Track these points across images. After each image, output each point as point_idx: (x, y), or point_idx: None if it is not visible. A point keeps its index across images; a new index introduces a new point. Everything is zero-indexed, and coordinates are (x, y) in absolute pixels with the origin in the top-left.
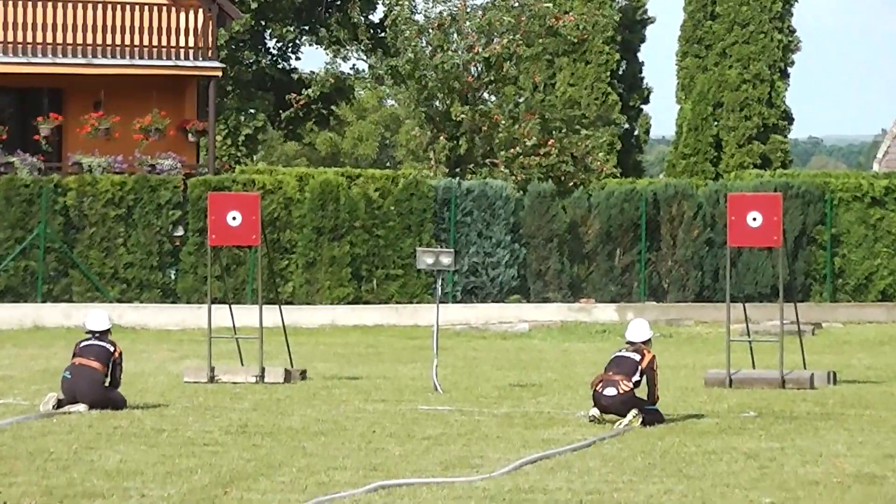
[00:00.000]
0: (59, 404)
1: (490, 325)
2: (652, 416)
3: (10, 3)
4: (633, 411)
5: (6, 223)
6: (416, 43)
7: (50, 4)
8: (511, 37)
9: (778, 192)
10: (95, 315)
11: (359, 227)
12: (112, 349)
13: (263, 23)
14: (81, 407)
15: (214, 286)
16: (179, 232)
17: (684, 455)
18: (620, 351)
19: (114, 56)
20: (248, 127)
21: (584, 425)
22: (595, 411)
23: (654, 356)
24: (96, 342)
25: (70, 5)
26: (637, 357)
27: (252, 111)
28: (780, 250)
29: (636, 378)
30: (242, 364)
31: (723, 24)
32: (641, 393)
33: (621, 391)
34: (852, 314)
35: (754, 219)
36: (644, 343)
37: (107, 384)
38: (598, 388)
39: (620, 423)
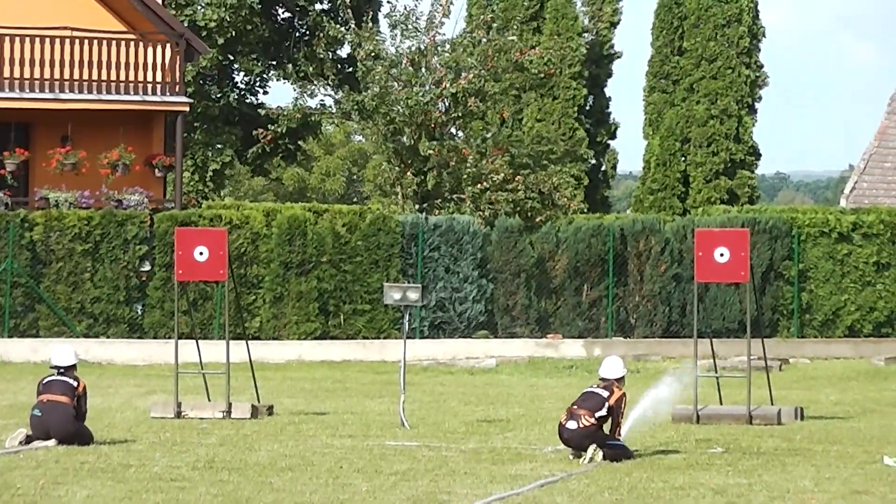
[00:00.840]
0: (28, 440)
1: (457, 361)
2: (617, 451)
3: None
4: (593, 446)
5: None
6: (384, 78)
7: (18, 39)
8: (477, 72)
9: (745, 227)
10: (61, 350)
11: (326, 262)
12: (76, 384)
13: (231, 57)
14: (50, 442)
15: (181, 321)
16: (146, 267)
17: (652, 491)
18: (591, 386)
19: (81, 91)
20: (216, 162)
21: (552, 460)
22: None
23: (623, 394)
24: (59, 378)
25: (38, 40)
26: (606, 394)
27: (219, 146)
28: (748, 286)
29: (601, 413)
30: (209, 399)
31: (690, 59)
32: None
33: (581, 425)
34: (819, 350)
35: (721, 254)
36: (617, 381)
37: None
38: (562, 420)
39: (584, 459)
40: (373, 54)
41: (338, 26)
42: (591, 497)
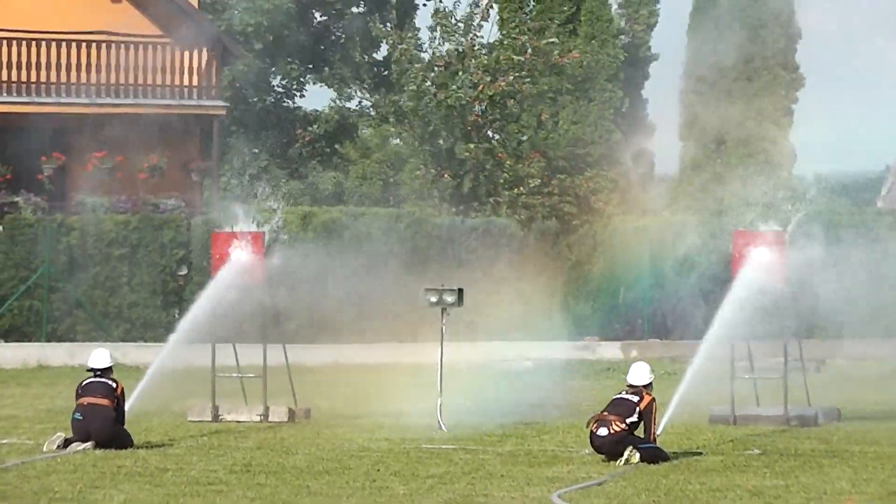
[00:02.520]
0: (66, 444)
1: (494, 363)
2: (653, 454)
3: (15, 42)
4: (629, 448)
5: (10, 263)
6: (421, 81)
7: (54, 44)
8: (516, 74)
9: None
10: (97, 354)
11: (363, 265)
12: (115, 386)
13: (268, 61)
14: (88, 444)
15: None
16: (183, 271)
17: (689, 493)
18: (621, 393)
19: (118, 95)
20: (253, 166)
21: (588, 463)
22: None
23: (653, 399)
24: (98, 380)
25: (74, 45)
26: (636, 399)
27: (256, 150)
28: (784, 286)
29: (633, 419)
30: (246, 403)
31: (726, 61)
32: (641, 433)
33: (612, 431)
34: (857, 350)
35: (758, 255)
36: (644, 387)
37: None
38: (592, 428)
39: (620, 462)
40: (409, 56)
41: (380, 26)
42: (627, 499)
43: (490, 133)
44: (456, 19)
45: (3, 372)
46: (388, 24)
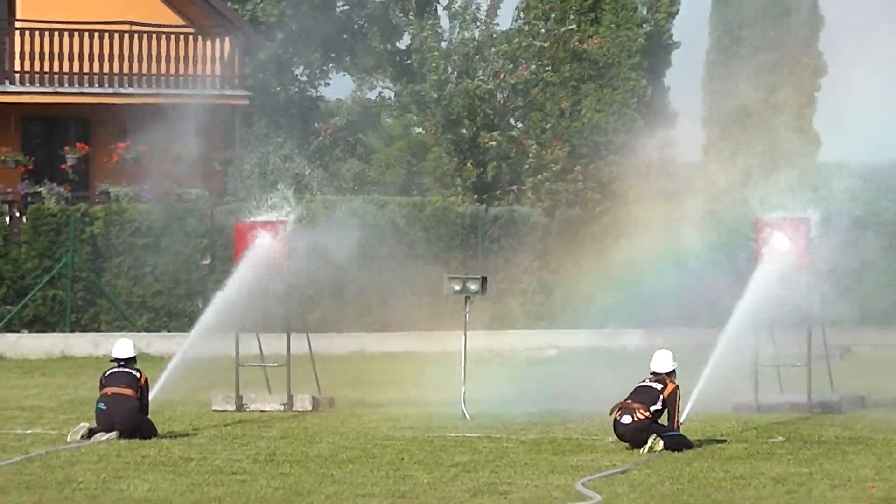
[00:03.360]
0: (90, 434)
1: (518, 352)
2: (677, 441)
3: (38, 33)
4: (653, 436)
5: (34, 252)
6: (442, 69)
7: (77, 34)
8: (538, 62)
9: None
10: (121, 344)
11: (386, 254)
12: (138, 376)
13: (291, 50)
14: (112, 434)
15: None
16: (207, 260)
17: (713, 480)
18: (644, 381)
19: (140, 85)
20: (275, 155)
21: (612, 451)
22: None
23: (676, 386)
24: (122, 370)
25: (97, 35)
26: (659, 387)
27: (279, 139)
28: (807, 273)
29: (656, 407)
30: (270, 392)
31: (748, 48)
32: (664, 422)
33: (636, 419)
34: (882, 338)
35: (782, 242)
36: (668, 374)
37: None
38: (616, 416)
39: (644, 449)
40: (430, 45)
41: (401, 14)
42: (652, 487)
43: (512, 121)
44: (473, 7)
45: (27, 362)
46: (410, 14)
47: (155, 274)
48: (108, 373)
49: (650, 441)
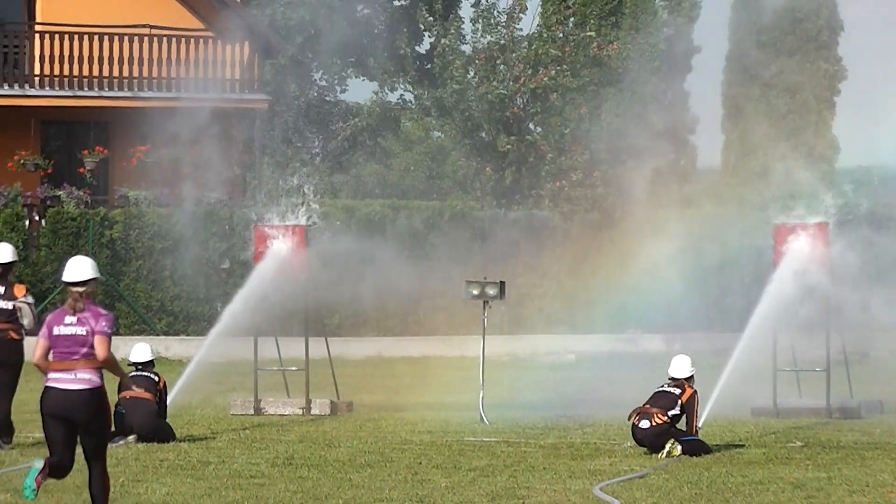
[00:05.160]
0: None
1: (537, 356)
2: (695, 446)
3: (58, 36)
4: (671, 440)
5: (53, 256)
6: (462, 74)
7: (96, 38)
8: (557, 67)
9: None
10: (139, 348)
11: (405, 258)
12: (157, 379)
13: (310, 55)
14: (130, 438)
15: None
16: (226, 264)
17: (731, 485)
18: (662, 386)
19: (160, 89)
20: (295, 159)
21: (631, 456)
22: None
23: (695, 391)
24: (140, 374)
25: (116, 38)
26: (678, 391)
27: (298, 144)
28: (826, 278)
29: (675, 412)
30: (289, 396)
31: (768, 53)
32: (682, 426)
33: (654, 423)
34: None
35: (799, 247)
36: (686, 379)
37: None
38: (634, 421)
39: (662, 454)
40: (452, 49)
41: (427, 15)
42: (670, 492)
43: (532, 126)
44: (498, 11)
45: None
46: (434, 16)
47: (174, 278)
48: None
49: (668, 446)
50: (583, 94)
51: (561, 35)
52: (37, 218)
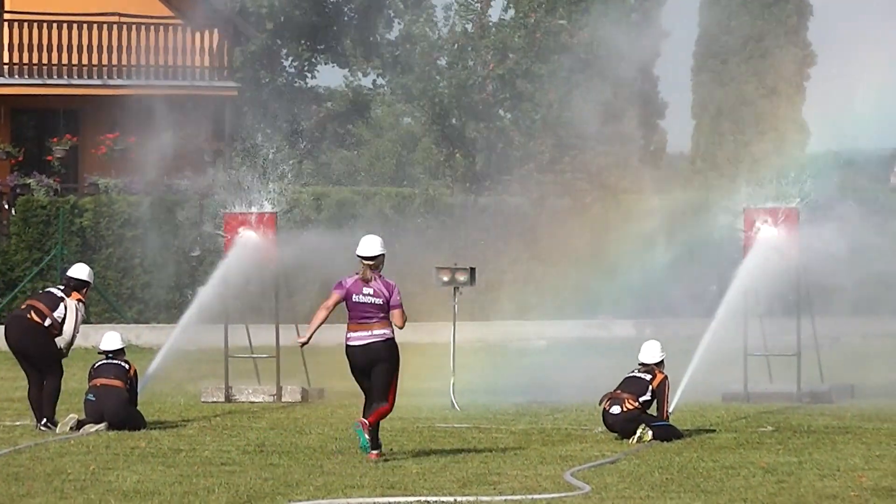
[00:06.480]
0: (79, 425)
1: (508, 342)
2: (666, 432)
3: (27, 24)
4: (642, 426)
5: (23, 245)
6: (428, 59)
7: (66, 26)
8: (525, 53)
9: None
10: (109, 336)
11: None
12: (127, 367)
13: (279, 42)
14: (101, 426)
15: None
16: (196, 252)
17: (702, 470)
18: (633, 372)
19: (129, 77)
20: (264, 146)
21: (602, 441)
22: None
23: (665, 377)
24: (111, 361)
25: (86, 26)
26: (648, 377)
27: (268, 130)
28: (798, 263)
29: (646, 398)
30: (260, 383)
31: (738, 38)
32: (653, 412)
33: (625, 409)
34: (871, 327)
35: (771, 232)
36: (656, 365)
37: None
38: (605, 406)
39: (633, 439)
40: (420, 37)
41: (399, 2)
42: (641, 477)
43: (501, 112)
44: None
45: None
46: (405, 4)
47: (144, 265)
48: (97, 365)
49: (639, 431)
50: (553, 81)
51: (532, 22)
52: (6, 206)
